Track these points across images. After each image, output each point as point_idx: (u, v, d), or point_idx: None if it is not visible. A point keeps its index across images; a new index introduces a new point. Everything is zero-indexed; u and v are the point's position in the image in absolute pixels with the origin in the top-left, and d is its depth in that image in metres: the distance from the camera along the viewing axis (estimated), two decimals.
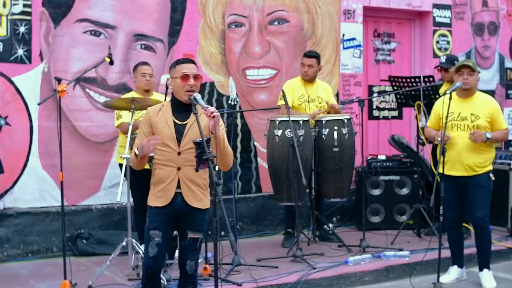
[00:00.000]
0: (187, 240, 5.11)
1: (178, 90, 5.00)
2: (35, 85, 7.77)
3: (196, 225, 5.10)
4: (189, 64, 5.07)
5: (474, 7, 10.65)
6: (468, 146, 6.70)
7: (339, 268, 7.23)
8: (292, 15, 9.16)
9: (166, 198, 5.02)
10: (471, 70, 6.70)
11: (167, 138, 4.97)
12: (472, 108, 6.77)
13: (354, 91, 9.51)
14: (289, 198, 7.72)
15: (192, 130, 4.97)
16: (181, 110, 5.05)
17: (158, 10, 8.35)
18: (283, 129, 7.63)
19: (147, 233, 5.10)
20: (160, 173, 5.03)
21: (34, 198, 7.81)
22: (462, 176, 6.80)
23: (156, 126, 5.02)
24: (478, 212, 6.86)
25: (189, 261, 5.14)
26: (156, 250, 5.07)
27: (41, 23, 7.76)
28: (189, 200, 5.02)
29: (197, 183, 5.05)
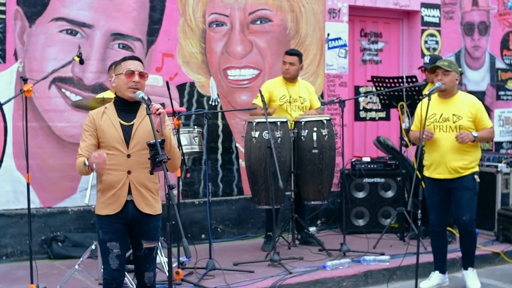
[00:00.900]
0: (142, 251, 4.90)
1: (122, 87, 4.82)
2: (9, 85, 7.63)
3: (150, 233, 4.90)
4: (135, 61, 4.90)
5: (463, 6, 10.45)
6: (452, 148, 6.55)
7: (316, 273, 7.06)
8: (275, 14, 9.00)
9: (118, 205, 4.80)
10: (445, 70, 6.53)
11: (114, 141, 4.76)
12: (454, 109, 6.61)
13: (339, 92, 9.34)
14: (267, 201, 7.59)
15: (139, 131, 4.80)
16: (126, 111, 4.86)
17: (136, 8, 8.19)
18: (260, 131, 7.49)
19: (104, 245, 4.85)
20: (109, 178, 4.78)
21: (8, 200, 7.68)
22: (446, 178, 6.64)
23: (101, 129, 4.78)
24: (463, 215, 6.70)
25: (147, 273, 4.96)
26: (118, 261, 4.84)
27: (16, 21, 7.62)
28: (140, 206, 4.81)
29: (148, 187, 4.85)
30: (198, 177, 8.58)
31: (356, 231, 8.74)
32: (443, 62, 6.63)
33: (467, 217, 6.72)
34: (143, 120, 4.82)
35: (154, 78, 8.21)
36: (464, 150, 6.58)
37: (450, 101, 6.66)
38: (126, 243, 4.96)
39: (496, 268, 7.86)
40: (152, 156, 4.48)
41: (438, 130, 6.65)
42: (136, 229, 4.87)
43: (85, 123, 4.87)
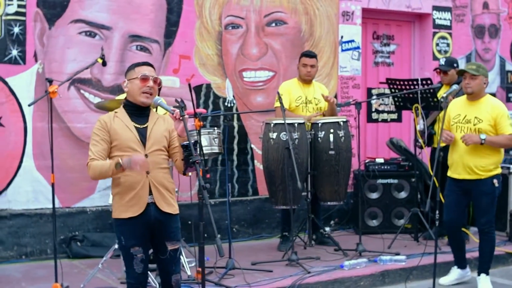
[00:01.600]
0: (167, 253, 4.90)
1: (135, 91, 4.83)
2: (29, 86, 7.72)
3: (173, 234, 4.92)
4: (149, 67, 4.94)
5: (474, 9, 10.56)
6: (470, 149, 6.64)
7: (334, 273, 7.15)
8: (290, 16, 9.09)
9: (140, 206, 4.77)
10: (472, 74, 6.62)
11: (130, 141, 4.76)
12: (477, 112, 6.71)
13: (353, 94, 9.43)
14: (284, 202, 7.65)
15: (154, 132, 4.84)
16: (138, 115, 4.88)
17: (154, 11, 8.28)
18: (278, 132, 7.56)
19: (127, 251, 4.82)
20: (128, 180, 4.75)
21: (28, 199, 7.75)
22: (465, 179, 6.74)
23: (115, 131, 4.77)
24: (482, 218, 6.84)
25: (174, 275, 4.97)
26: (142, 265, 4.85)
27: (36, 23, 7.71)
28: (161, 205, 4.82)
29: (166, 187, 4.88)
30: (214, 177, 8.66)
31: (370, 232, 8.82)
32: (471, 66, 6.71)
33: (484, 220, 6.85)
34: (156, 124, 4.88)
35: (171, 80, 8.31)
36: (482, 152, 6.66)
37: (476, 103, 6.75)
38: (148, 246, 4.95)
39: (510, 268, 7.95)
40: (186, 157, 4.55)
41: (459, 131, 6.75)
42: (159, 231, 4.87)
43: (96, 127, 4.83)
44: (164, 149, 4.90)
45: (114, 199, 4.91)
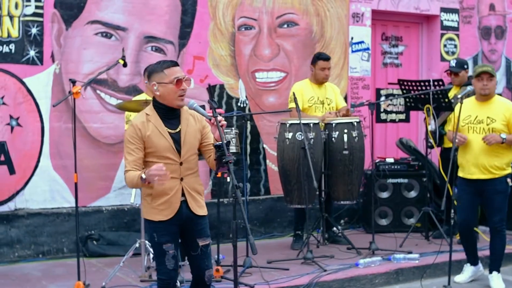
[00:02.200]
0: (199, 249, 4.97)
1: (170, 96, 4.79)
2: (46, 87, 7.80)
3: (204, 231, 5.00)
4: (178, 67, 4.89)
5: (481, 11, 10.69)
6: (484, 149, 6.73)
7: (350, 271, 7.25)
8: (301, 18, 9.19)
9: (171, 211, 4.86)
10: (490, 75, 6.73)
11: (166, 150, 4.79)
12: (489, 112, 6.80)
13: (362, 94, 9.54)
14: (299, 201, 7.76)
15: (188, 137, 4.87)
16: (169, 117, 4.87)
17: (169, 12, 8.37)
18: (293, 132, 7.66)
19: (159, 248, 4.90)
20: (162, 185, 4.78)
21: (45, 199, 7.84)
22: (479, 179, 6.82)
23: (149, 139, 4.77)
24: (494, 216, 6.93)
25: (207, 271, 5.03)
26: (174, 262, 4.93)
27: (53, 24, 7.78)
28: (194, 208, 4.92)
29: (198, 190, 4.98)
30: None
31: (380, 230, 8.91)
32: (487, 68, 6.80)
33: (497, 218, 6.94)
34: (188, 125, 4.89)
35: None
36: (497, 151, 6.76)
37: (486, 104, 6.84)
38: (178, 243, 5.03)
39: None
40: (219, 157, 4.62)
41: (471, 132, 6.83)
42: (190, 229, 4.95)
43: (129, 134, 4.81)
44: (197, 152, 4.97)
45: (145, 199, 4.95)
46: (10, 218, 7.65)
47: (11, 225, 7.64)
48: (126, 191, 8.22)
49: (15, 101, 7.63)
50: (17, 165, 7.68)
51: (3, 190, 7.64)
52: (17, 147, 7.66)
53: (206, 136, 4.96)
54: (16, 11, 7.58)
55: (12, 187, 7.68)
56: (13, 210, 7.68)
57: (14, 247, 7.67)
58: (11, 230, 7.64)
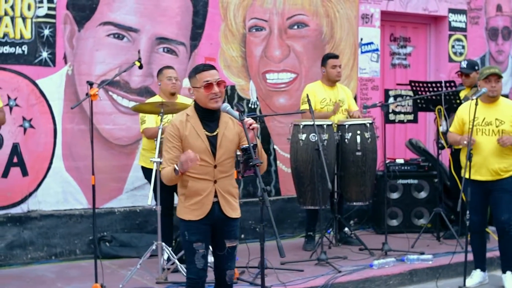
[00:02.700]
0: (225, 250, 5.02)
1: (203, 100, 4.84)
2: (59, 88, 7.79)
3: (233, 233, 5.05)
4: (210, 70, 4.87)
5: (488, 11, 10.72)
6: (494, 151, 6.76)
7: (365, 272, 7.27)
8: (312, 19, 9.21)
9: (203, 212, 4.91)
10: (498, 77, 6.75)
11: (201, 152, 4.81)
12: (497, 113, 6.82)
13: (372, 95, 9.56)
14: (313, 202, 7.77)
15: (224, 141, 4.90)
16: (209, 120, 4.91)
17: (180, 13, 8.37)
18: (307, 133, 7.67)
19: (190, 246, 4.95)
20: (195, 185, 4.88)
21: (57, 200, 7.83)
22: (488, 180, 6.85)
23: (187, 139, 4.84)
24: (502, 216, 6.92)
25: (229, 271, 5.08)
26: (203, 261, 4.97)
27: (65, 26, 7.77)
28: (226, 211, 4.96)
29: (231, 193, 5.02)
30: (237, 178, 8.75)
31: (390, 231, 8.91)
32: (495, 69, 6.82)
33: (505, 217, 6.93)
34: (226, 128, 4.92)
35: None
36: (505, 153, 6.79)
37: (493, 106, 6.86)
38: (209, 243, 5.08)
39: None
40: (245, 160, 4.63)
41: (480, 134, 6.84)
42: (219, 229, 5.00)
43: (169, 132, 4.90)
44: (232, 156, 5.01)
45: (179, 198, 5.02)
46: (23, 220, 7.63)
47: (24, 227, 7.63)
48: (138, 193, 8.24)
49: (28, 102, 7.62)
50: (30, 166, 7.66)
51: (16, 191, 7.62)
52: (30, 149, 7.65)
53: (244, 138, 4.94)
54: (28, 13, 7.57)
55: (25, 189, 7.66)
56: (26, 212, 7.67)
57: (27, 249, 7.65)
58: (24, 232, 7.63)
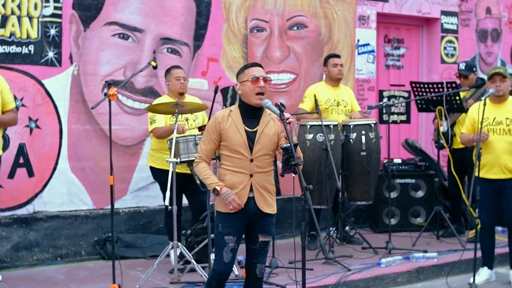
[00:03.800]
0: (257, 244, 5.13)
1: (248, 93, 5.02)
2: (65, 88, 7.76)
3: (267, 228, 5.15)
4: (258, 67, 5.12)
5: (478, 14, 10.92)
6: (506, 150, 6.90)
7: (374, 270, 7.37)
8: (311, 20, 9.28)
9: None
10: (503, 76, 6.90)
11: (239, 146, 4.98)
12: (507, 113, 6.97)
13: (368, 96, 9.67)
14: (320, 201, 7.84)
15: (263, 137, 5.02)
16: (250, 116, 5.06)
17: (184, 14, 8.38)
18: (314, 133, 7.74)
19: (220, 238, 5.06)
20: (232, 178, 5.03)
21: (63, 201, 7.79)
22: (500, 179, 6.98)
23: (226, 133, 5.01)
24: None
25: (259, 264, 5.18)
26: (231, 255, 5.06)
27: (71, 25, 7.74)
28: (261, 206, 5.07)
29: (268, 189, 5.12)
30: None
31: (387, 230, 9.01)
32: (500, 69, 6.97)
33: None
34: (266, 126, 5.05)
35: (200, 82, 8.43)
36: None
37: (503, 105, 7.02)
38: (241, 238, 5.16)
39: None
40: (286, 159, 4.69)
41: (491, 133, 6.98)
42: (254, 224, 5.10)
43: (210, 125, 5.10)
44: (271, 153, 5.11)
45: None
46: (29, 221, 7.59)
47: (30, 228, 7.58)
48: (143, 193, 8.23)
49: (34, 102, 7.56)
50: (36, 167, 7.62)
51: (22, 192, 7.58)
52: (36, 149, 7.60)
53: (283, 139, 5.04)
54: (35, 12, 7.52)
55: (31, 190, 7.62)
56: (31, 213, 7.62)
57: (33, 250, 7.60)
58: (30, 233, 7.58)
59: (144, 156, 8.08)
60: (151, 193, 8.23)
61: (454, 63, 10.58)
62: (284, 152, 4.70)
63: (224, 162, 5.10)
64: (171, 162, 6.59)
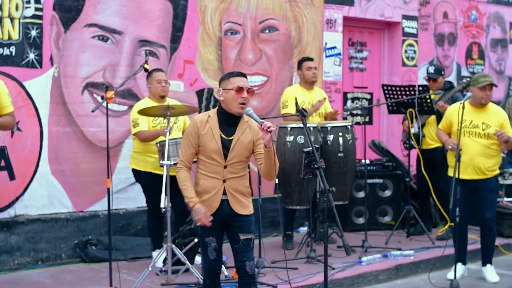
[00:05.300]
0: (240, 242, 5.30)
1: (231, 102, 5.16)
2: (45, 90, 7.67)
3: (245, 227, 5.32)
4: (243, 77, 5.25)
5: (436, 18, 11.27)
6: (480, 152, 7.25)
7: (356, 268, 7.59)
8: (281, 23, 9.42)
9: (212, 208, 5.23)
10: (492, 85, 7.22)
11: (213, 153, 5.17)
12: (484, 118, 7.30)
13: (335, 98, 9.87)
14: (299, 202, 8.01)
15: (238, 145, 5.20)
16: (228, 124, 5.21)
17: (161, 16, 8.40)
18: (294, 135, 7.88)
19: (203, 241, 5.31)
20: (205, 183, 5.24)
21: (43, 204, 7.71)
22: (474, 179, 7.30)
23: (202, 139, 5.18)
24: (487, 213, 7.43)
25: (248, 262, 5.34)
26: (215, 253, 5.32)
27: (52, 27, 7.66)
28: (236, 208, 5.26)
29: (241, 191, 5.30)
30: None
31: (356, 229, 9.27)
32: (491, 79, 7.30)
33: (489, 215, 7.48)
34: (242, 134, 5.21)
35: (176, 84, 8.46)
36: (490, 154, 7.30)
37: (482, 110, 7.34)
38: (222, 235, 5.38)
39: (498, 259, 8.51)
40: (308, 163, 4.84)
41: (467, 136, 7.29)
42: (232, 225, 5.30)
43: (189, 129, 5.26)
44: (245, 160, 5.30)
45: None
46: (10, 224, 7.48)
47: (11, 232, 7.48)
48: (121, 195, 8.22)
49: (15, 105, 7.30)
50: (17, 170, 7.52)
51: (3, 196, 7.46)
52: (17, 152, 7.50)
53: (259, 146, 5.25)
54: (16, 13, 7.42)
55: (12, 193, 7.51)
56: (13, 216, 7.52)
57: (14, 255, 7.50)
58: (11, 237, 7.48)
59: (123, 158, 8.07)
60: (130, 195, 8.23)
61: (414, 66, 10.94)
62: (306, 155, 4.85)
63: (200, 166, 5.30)
64: (165, 165, 6.63)
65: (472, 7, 11.76)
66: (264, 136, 4.98)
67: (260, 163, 5.24)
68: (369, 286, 7.51)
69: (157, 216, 7.56)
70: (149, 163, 7.40)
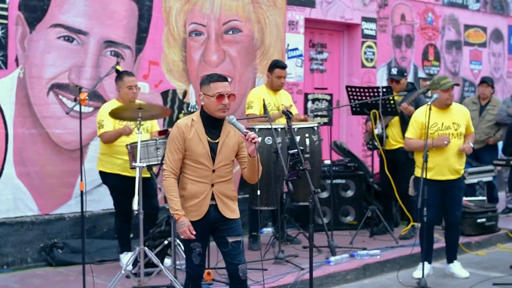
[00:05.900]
0: (229, 245, 5.28)
1: (212, 107, 5.13)
2: (10, 91, 7.53)
3: (234, 230, 5.31)
4: (224, 82, 5.18)
5: (394, 20, 11.44)
6: (454, 152, 7.39)
7: (325, 268, 7.66)
8: (245, 24, 9.42)
9: (200, 213, 5.21)
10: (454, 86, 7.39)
11: (201, 157, 5.14)
12: (453, 118, 7.46)
13: (297, 99, 9.90)
14: (267, 203, 8.03)
15: (224, 148, 5.20)
16: (212, 126, 5.20)
17: (127, 17, 8.32)
18: (262, 137, 7.90)
19: (187, 245, 5.28)
20: (193, 188, 5.20)
21: (8, 208, 7.57)
22: (448, 179, 7.45)
23: (189, 143, 5.14)
24: (456, 211, 7.64)
25: (240, 265, 5.31)
26: (200, 258, 5.30)
27: (17, 27, 7.53)
28: (225, 212, 5.25)
29: (229, 196, 5.30)
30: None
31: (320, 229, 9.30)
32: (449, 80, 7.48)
33: (458, 213, 7.71)
34: (227, 137, 5.21)
35: (141, 85, 8.35)
36: (461, 154, 7.49)
37: (448, 111, 7.50)
38: (207, 241, 5.42)
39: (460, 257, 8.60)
40: (293, 165, 4.87)
41: None
42: (220, 229, 5.28)
43: (174, 134, 5.17)
44: (231, 162, 5.28)
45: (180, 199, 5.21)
46: None
47: None
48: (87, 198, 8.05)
49: None
50: None
51: None
52: None
53: (243, 149, 5.26)
54: None
55: None
56: None
57: None
58: None
59: (89, 160, 7.96)
60: (95, 198, 8.14)
61: (373, 68, 11.08)
62: (291, 157, 4.89)
63: (186, 171, 5.24)
64: (137, 167, 6.58)
65: (428, 10, 11.97)
66: (248, 146, 5.02)
67: (243, 167, 5.27)
68: (338, 286, 7.58)
69: (124, 219, 7.53)
70: (116, 165, 7.35)
